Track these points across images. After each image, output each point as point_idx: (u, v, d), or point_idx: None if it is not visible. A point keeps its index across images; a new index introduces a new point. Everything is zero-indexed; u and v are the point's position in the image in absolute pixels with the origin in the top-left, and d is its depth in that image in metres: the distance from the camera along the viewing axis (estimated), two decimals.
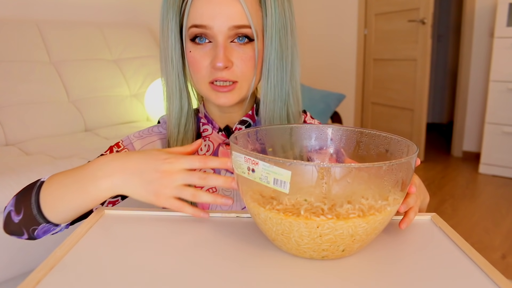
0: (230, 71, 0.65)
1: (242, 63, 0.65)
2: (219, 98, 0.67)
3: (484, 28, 3.22)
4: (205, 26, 0.63)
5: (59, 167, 1.46)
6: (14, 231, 0.64)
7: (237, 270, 0.46)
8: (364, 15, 3.73)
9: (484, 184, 2.87)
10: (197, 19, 0.63)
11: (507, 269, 1.77)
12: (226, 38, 0.64)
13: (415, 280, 0.45)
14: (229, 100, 0.67)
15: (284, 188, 0.44)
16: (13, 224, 0.62)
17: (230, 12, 0.62)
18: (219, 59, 0.63)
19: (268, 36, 0.65)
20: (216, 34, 0.63)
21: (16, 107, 1.91)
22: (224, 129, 0.74)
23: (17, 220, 0.61)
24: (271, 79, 0.67)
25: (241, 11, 0.62)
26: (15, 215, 0.61)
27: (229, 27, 0.63)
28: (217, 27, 0.63)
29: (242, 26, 0.63)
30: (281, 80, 0.68)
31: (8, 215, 0.63)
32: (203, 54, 0.65)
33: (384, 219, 0.47)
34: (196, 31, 0.64)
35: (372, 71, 3.75)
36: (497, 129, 2.93)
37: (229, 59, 0.64)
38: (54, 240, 1.45)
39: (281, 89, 0.68)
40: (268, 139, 0.62)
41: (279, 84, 0.68)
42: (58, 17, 2.37)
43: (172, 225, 0.57)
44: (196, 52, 0.65)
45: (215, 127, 0.75)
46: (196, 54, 0.66)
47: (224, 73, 0.65)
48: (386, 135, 0.58)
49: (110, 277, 0.44)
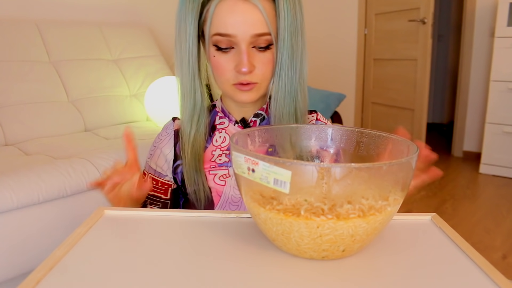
0: (252, 74, 0.71)
1: (263, 67, 0.71)
2: (242, 96, 0.73)
3: (485, 28, 3.22)
4: (229, 35, 0.68)
5: (59, 167, 1.46)
6: None
7: (237, 270, 0.46)
8: (364, 15, 3.73)
9: (484, 184, 2.87)
10: (221, 28, 0.67)
11: (507, 270, 1.76)
12: (248, 45, 0.69)
13: (415, 281, 0.44)
14: (250, 98, 0.73)
15: (284, 188, 0.44)
16: None
17: (252, 20, 0.67)
18: (243, 65, 0.68)
19: (281, 37, 0.69)
20: (240, 42, 0.68)
21: (16, 107, 1.91)
22: (240, 121, 0.80)
23: None
24: (282, 78, 0.72)
25: (261, 19, 0.67)
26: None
27: (252, 35, 0.67)
28: (240, 36, 0.67)
29: (263, 34, 0.68)
30: (291, 79, 0.73)
31: None
32: (227, 60, 0.70)
33: (384, 219, 0.47)
34: (220, 39, 0.69)
35: (372, 71, 3.75)
36: (498, 129, 2.93)
37: (252, 64, 0.70)
38: (54, 240, 1.45)
39: (291, 87, 0.73)
40: (268, 139, 0.62)
41: (289, 82, 0.73)
42: (57, 17, 2.37)
43: (172, 225, 0.57)
44: (220, 57, 0.70)
45: (232, 120, 0.80)
46: (220, 59, 0.71)
47: (247, 76, 0.70)
48: (386, 135, 0.58)
49: (110, 277, 0.44)
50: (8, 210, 1.33)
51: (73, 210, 1.50)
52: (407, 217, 0.61)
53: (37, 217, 1.41)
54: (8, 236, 1.35)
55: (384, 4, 3.53)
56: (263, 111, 0.80)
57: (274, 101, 0.75)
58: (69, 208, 1.49)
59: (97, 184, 0.66)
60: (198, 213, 0.61)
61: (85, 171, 1.50)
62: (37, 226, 1.41)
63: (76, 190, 1.48)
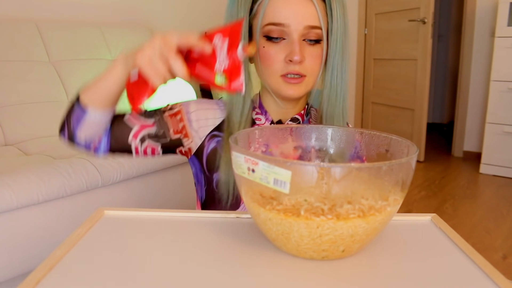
0: (301, 65, 0.71)
1: (312, 60, 0.72)
2: (289, 89, 0.73)
3: (485, 27, 3.22)
4: (282, 24, 0.69)
5: (59, 167, 1.46)
6: (61, 127, 0.73)
7: (237, 270, 0.46)
8: (364, 15, 3.73)
9: (485, 184, 2.86)
10: (275, 18, 0.70)
11: (508, 270, 1.76)
12: (300, 36, 0.70)
13: (415, 281, 0.44)
14: (297, 92, 0.73)
15: (284, 188, 0.44)
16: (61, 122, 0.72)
17: (305, 12, 0.69)
18: (296, 54, 0.69)
19: (334, 38, 0.72)
20: (292, 32, 0.70)
21: (16, 107, 1.91)
22: (277, 123, 0.80)
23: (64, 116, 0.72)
24: (334, 77, 0.74)
25: (314, 12, 0.70)
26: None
27: (304, 26, 0.69)
28: (294, 26, 0.69)
29: (315, 27, 0.70)
30: (341, 79, 0.75)
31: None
32: (277, 50, 0.71)
33: (384, 219, 0.47)
34: (273, 28, 0.70)
35: (372, 71, 3.75)
36: (498, 129, 2.93)
37: (303, 54, 0.71)
38: (54, 240, 1.45)
39: (341, 87, 0.75)
40: (269, 139, 0.62)
41: (340, 82, 0.75)
42: (57, 17, 2.37)
43: (171, 226, 0.57)
44: (270, 48, 0.71)
45: (268, 119, 0.80)
46: (270, 50, 0.71)
47: (297, 66, 0.71)
48: (386, 135, 0.58)
49: (110, 277, 0.44)
50: (8, 210, 1.33)
51: (73, 210, 1.50)
52: (407, 217, 0.61)
53: (37, 217, 1.41)
54: (8, 236, 1.35)
55: (384, 4, 3.53)
56: (300, 117, 0.80)
57: (326, 101, 0.75)
58: (69, 208, 1.49)
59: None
60: (198, 213, 0.61)
61: (84, 171, 1.50)
62: (37, 226, 1.41)
63: (76, 190, 1.48)
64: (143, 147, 0.75)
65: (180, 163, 1.84)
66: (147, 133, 0.75)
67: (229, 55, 0.58)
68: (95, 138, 0.72)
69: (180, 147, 0.78)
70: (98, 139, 0.73)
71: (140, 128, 0.75)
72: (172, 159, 1.80)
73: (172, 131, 0.76)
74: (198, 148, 0.77)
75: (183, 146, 0.78)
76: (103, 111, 0.68)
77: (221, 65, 0.58)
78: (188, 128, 0.77)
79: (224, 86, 0.58)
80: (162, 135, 0.76)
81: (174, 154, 0.79)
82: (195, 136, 0.77)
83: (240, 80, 0.58)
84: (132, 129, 0.74)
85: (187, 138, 0.77)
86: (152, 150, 0.76)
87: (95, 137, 0.72)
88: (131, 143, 0.74)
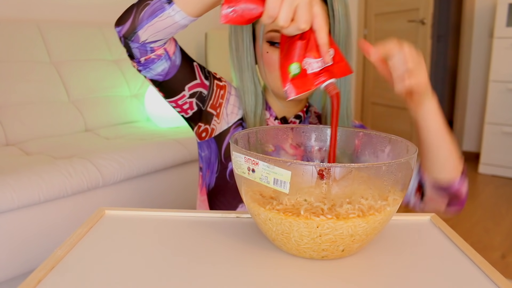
0: None
1: None
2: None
3: (484, 28, 3.22)
4: None
5: (59, 167, 1.46)
6: (121, 17, 0.68)
7: (237, 270, 0.46)
8: (364, 15, 3.73)
9: (483, 184, 2.87)
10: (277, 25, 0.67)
11: (506, 269, 1.77)
12: None
13: (414, 280, 0.45)
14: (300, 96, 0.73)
15: (284, 188, 0.44)
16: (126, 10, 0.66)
17: None
18: None
19: (336, 39, 0.72)
20: None
21: (17, 107, 1.91)
22: (281, 119, 0.83)
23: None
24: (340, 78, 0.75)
25: None
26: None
27: None
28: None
29: None
30: (344, 79, 0.76)
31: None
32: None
33: (384, 219, 0.47)
34: (276, 35, 0.71)
35: (372, 71, 3.75)
36: (497, 129, 2.93)
37: None
38: (55, 240, 1.45)
39: (345, 88, 0.77)
40: (268, 139, 0.62)
41: (344, 83, 0.76)
42: (58, 17, 2.37)
43: (172, 225, 0.57)
44: (273, 53, 0.73)
45: (272, 115, 0.82)
46: (273, 55, 0.73)
47: None
48: (386, 135, 0.58)
49: (110, 277, 0.44)
50: (9, 210, 1.33)
51: (73, 210, 1.50)
52: (406, 217, 0.61)
53: (37, 217, 1.41)
54: (9, 236, 1.35)
55: (383, 4, 3.53)
56: (302, 114, 0.83)
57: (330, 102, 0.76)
58: (70, 208, 1.49)
59: None
60: (198, 213, 0.62)
61: (85, 171, 1.50)
62: (37, 226, 1.41)
63: (77, 190, 1.48)
64: (186, 101, 0.74)
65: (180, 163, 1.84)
66: (199, 91, 0.75)
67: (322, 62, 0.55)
68: (159, 51, 0.66)
69: (203, 123, 0.78)
70: (158, 56, 0.67)
71: (200, 83, 0.75)
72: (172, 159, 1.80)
73: (211, 103, 0.77)
74: (221, 132, 0.79)
75: (209, 124, 0.78)
76: (192, 16, 0.62)
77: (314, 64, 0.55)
78: (223, 108, 0.78)
79: (292, 76, 0.56)
80: (204, 101, 0.76)
81: (193, 124, 0.79)
82: (225, 119, 0.78)
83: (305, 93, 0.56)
84: (194, 79, 0.73)
85: (217, 118, 0.78)
86: (189, 107, 0.75)
87: (158, 49, 0.66)
88: (185, 88, 0.73)
